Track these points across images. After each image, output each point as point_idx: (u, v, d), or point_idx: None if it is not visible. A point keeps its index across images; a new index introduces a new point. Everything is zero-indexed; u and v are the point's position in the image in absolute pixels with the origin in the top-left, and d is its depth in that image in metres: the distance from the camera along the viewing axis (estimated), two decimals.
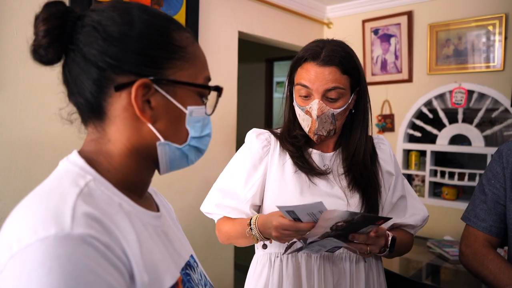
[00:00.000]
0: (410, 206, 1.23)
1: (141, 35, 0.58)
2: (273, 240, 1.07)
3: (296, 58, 1.15)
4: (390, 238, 1.09)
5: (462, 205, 2.64)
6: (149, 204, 0.69)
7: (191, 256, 0.74)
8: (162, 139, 0.60)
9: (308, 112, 1.10)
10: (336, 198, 1.13)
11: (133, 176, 0.62)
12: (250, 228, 1.05)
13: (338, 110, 1.09)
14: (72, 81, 0.59)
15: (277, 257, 1.14)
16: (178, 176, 2.28)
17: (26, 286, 0.44)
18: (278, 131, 1.24)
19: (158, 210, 0.70)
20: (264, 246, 1.07)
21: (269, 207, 1.16)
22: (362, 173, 1.15)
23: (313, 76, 1.07)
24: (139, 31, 0.58)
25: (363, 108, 1.16)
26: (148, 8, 0.61)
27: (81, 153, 0.61)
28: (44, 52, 0.56)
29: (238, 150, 1.25)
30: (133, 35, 0.58)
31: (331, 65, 1.07)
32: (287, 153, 1.18)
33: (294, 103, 1.15)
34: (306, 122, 1.12)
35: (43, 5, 0.57)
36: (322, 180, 1.16)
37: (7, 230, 0.50)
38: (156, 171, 0.67)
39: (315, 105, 1.07)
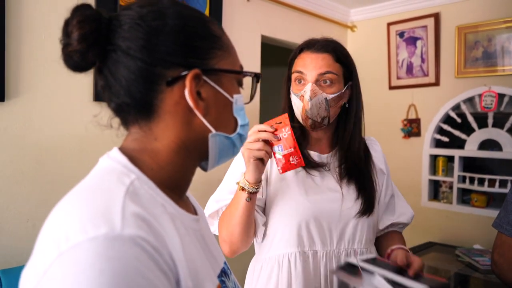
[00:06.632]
0: (398, 205, 1.29)
1: (185, 27, 0.58)
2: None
3: (293, 52, 1.21)
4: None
5: (493, 213, 2.55)
6: (188, 206, 0.67)
7: (225, 262, 0.72)
8: (213, 131, 0.60)
9: (301, 97, 1.13)
10: (334, 192, 1.16)
11: (179, 173, 0.61)
12: (239, 183, 1.06)
13: (331, 96, 1.12)
14: (117, 82, 0.56)
15: (285, 257, 1.14)
16: (200, 179, 2.28)
17: (74, 287, 0.42)
18: None
19: (196, 213, 0.69)
20: (248, 199, 1.05)
21: (275, 210, 1.15)
22: (356, 164, 1.18)
23: (308, 61, 1.14)
24: (182, 23, 0.57)
25: (356, 102, 1.20)
26: (178, 1, 0.61)
27: (122, 150, 0.59)
28: (80, 57, 0.54)
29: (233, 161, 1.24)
30: (177, 28, 0.57)
31: (325, 52, 1.14)
32: None
33: (291, 93, 1.18)
34: (299, 109, 1.14)
35: (73, 9, 0.55)
36: (321, 175, 1.18)
37: (52, 226, 0.48)
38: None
39: (308, 87, 1.12)
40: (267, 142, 1.04)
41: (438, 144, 2.94)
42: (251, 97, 0.67)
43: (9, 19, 1.55)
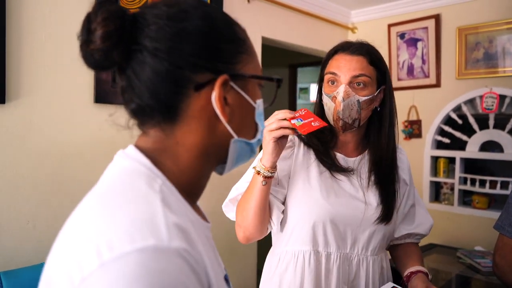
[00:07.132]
0: (418, 215, 1.29)
1: (213, 29, 0.56)
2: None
3: (328, 53, 1.22)
4: (429, 277, 1.17)
5: (494, 215, 2.54)
6: (201, 213, 0.66)
7: (224, 269, 0.71)
8: (235, 137, 0.59)
9: (334, 98, 1.13)
10: (356, 197, 1.17)
11: (196, 178, 0.59)
12: (256, 168, 1.07)
13: (364, 98, 1.13)
14: (142, 84, 0.54)
15: (300, 253, 1.15)
16: None
17: None
18: None
19: (207, 220, 0.68)
20: (264, 182, 1.06)
21: (295, 207, 1.16)
22: (384, 170, 1.19)
23: (342, 63, 1.14)
24: (210, 25, 0.56)
25: (389, 107, 1.20)
26: (204, 2, 0.59)
27: (140, 150, 0.56)
28: (103, 56, 0.51)
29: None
30: (206, 31, 0.55)
31: (359, 54, 1.14)
32: (311, 153, 1.20)
33: (323, 93, 1.19)
34: (331, 110, 1.15)
35: (96, 4, 0.51)
36: (346, 179, 1.18)
37: (86, 231, 0.46)
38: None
39: (341, 88, 1.12)
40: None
41: (439, 145, 2.94)
42: (272, 102, 0.66)
43: (9, 20, 1.55)
